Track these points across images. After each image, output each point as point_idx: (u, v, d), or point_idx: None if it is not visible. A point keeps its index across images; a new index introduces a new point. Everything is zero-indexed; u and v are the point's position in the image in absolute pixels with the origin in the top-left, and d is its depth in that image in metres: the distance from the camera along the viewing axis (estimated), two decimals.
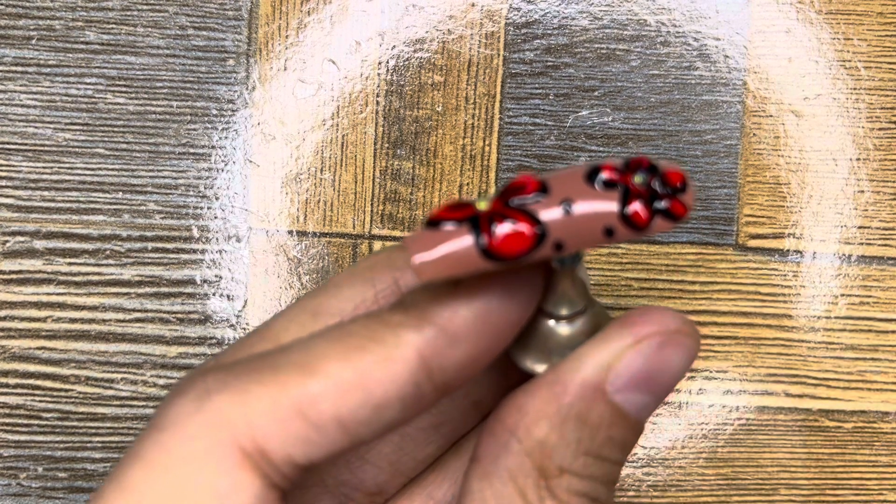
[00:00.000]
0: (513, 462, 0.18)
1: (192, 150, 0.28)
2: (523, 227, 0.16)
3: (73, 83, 0.27)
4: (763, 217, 0.28)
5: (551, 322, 0.19)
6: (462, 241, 0.16)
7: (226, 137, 0.28)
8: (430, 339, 0.17)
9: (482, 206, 0.16)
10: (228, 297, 0.28)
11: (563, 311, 0.18)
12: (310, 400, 0.17)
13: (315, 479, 0.20)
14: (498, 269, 0.16)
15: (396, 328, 0.17)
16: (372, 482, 0.20)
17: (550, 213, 0.16)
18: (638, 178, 0.16)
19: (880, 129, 0.28)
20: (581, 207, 0.16)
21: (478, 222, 0.16)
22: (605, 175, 0.16)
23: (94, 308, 0.27)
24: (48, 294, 0.27)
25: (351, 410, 0.17)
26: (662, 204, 0.16)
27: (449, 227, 0.16)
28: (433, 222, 0.16)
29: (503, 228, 0.16)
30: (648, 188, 0.16)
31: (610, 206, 0.16)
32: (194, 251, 0.28)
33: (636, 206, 0.16)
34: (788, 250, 0.28)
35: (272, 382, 0.17)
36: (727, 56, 0.28)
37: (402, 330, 0.17)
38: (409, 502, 0.22)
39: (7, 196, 0.27)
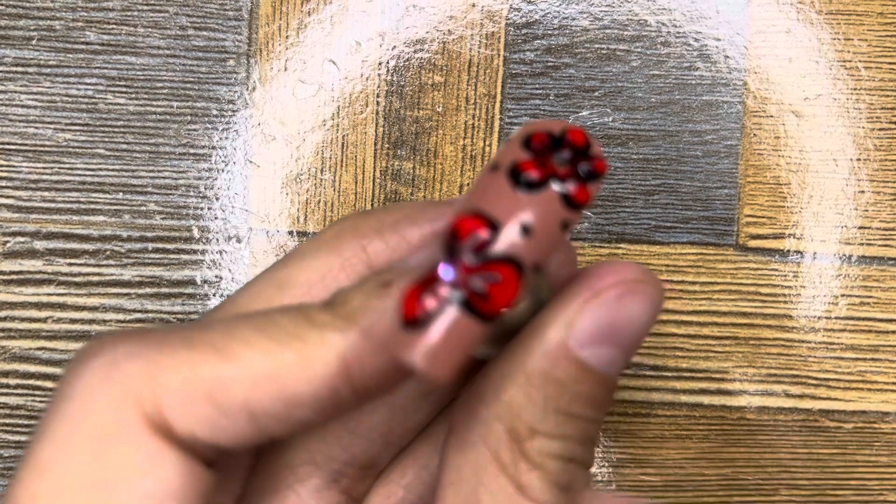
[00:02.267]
0: (484, 428, 0.18)
1: (192, 151, 0.28)
2: (499, 276, 0.15)
3: (74, 83, 0.27)
4: (763, 217, 0.28)
5: None
6: (454, 321, 0.15)
7: (226, 138, 0.28)
8: (354, 344, 0.16)
9: (449, 278, 0.15)
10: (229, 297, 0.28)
11: None
12: (221, 384, 0.16)
13: (304, 458, 0.20)
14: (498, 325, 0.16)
15: (321, 328, 0.17)
16: (363, 455, 0.20)
17: (516, 245, 0.15)
18: (557, 159, 0.16)
19: (881, 129, 0.28)
20: (537, 221, 0.15)
21: (463, 301, 0.15)
22: (530, 176, 0.16)
23: (94, 309, 0.27)
24: (48, 294, 0.27)
25: (262, 402, 0.16)
26: (586, 169, 0.16)
27: (429, 317, 0.15)
28: (411, 323, 0.15)
29: (484, 288, 0.15)
30: (568, 162, 0.16)
31: (555, 203, 0.16)
32: (195, 252, 0.28)
33: (572, 189, 0.16)
34: (789, 251, 0.28)
35: (185, 359, 0.16)
36: (727, 56, 0.28)
37: (327, 331, 0.17)
38: (402, 475, 0.21)
39: (7, 196, 0.27)
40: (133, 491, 0.16)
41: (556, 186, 0.16)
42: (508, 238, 0.15)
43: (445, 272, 0.15)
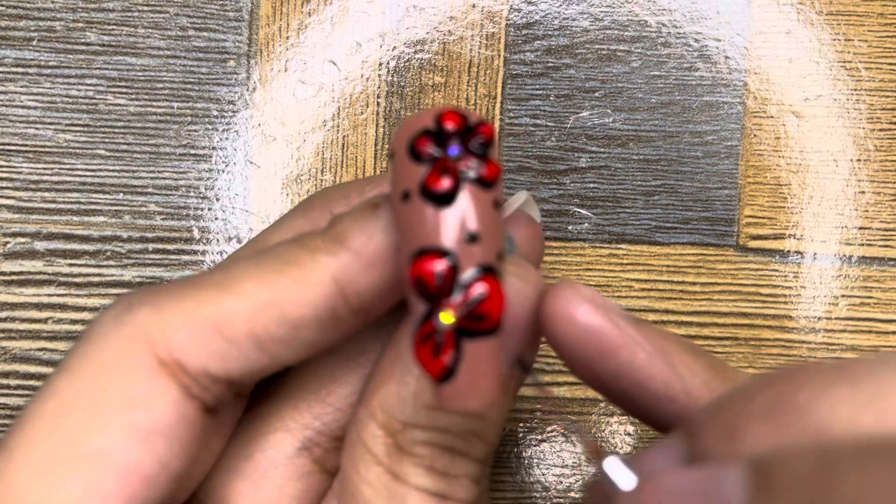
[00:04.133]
0: (360, 426, 0.18)
1: (192, 152, 0.28)
2: (483, 292, 0.15)
3: (74, 84, 0.27)
4: (764, 218, 0.28)
5: None
6: (472, 356, 0.16)
7: (226, 139, 0.28)
8: (345, 264, 0.17)
9: (446, 323, 0.16)
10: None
11: None
12: (225, 317, 0.17)
13: (277, 425, 0.21)
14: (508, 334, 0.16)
15: (313, 252, 0.18)
16: (336, 425, 0.21)
17: (476, 256, 0.16)
18: (451, 158, 0.16)
19: (881, 130, 0.28)
20: (476, 224, 0.16)
21: (467, 330, 0.15)
22: (443, 189, 0.16)
23: (94, 309, 0.27)
24: (49, 295, 0.27)
25: (266, 329, 0.17)
26: (478, 143, 0.16)
27: (452, 366, 0.16)
28: (442, 378, 0.16)
29: (479, 310, 0.15)
30: (462, 150, 0.16)
31: (477, 195, 0.16)
32: (195, 252, 0.28)
33: (483, 172, 0.16)
34: (789, 251, 0.28)
35: (190, 299, 0.17)
36: (728, 57, 0.28)
37: (319, 254, 0.17)
38: None
39: (8, 197, 0.27)
40: (124, 420, 0.17)
41: (468, 181, 0.16)
42: (467, 257, 0.16)
43: (442, 322, 0.16)
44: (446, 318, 0.16)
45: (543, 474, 0.28)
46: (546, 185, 0.28)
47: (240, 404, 0.21)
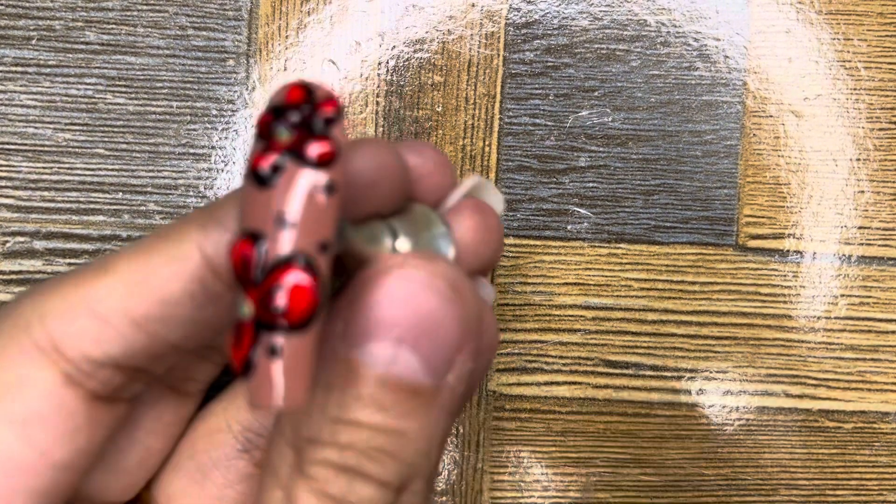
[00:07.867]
0: (272, 447, 0.17)
1: (192, 151, 0.28)
2: (290, 279, 0.14)
3: (73, 83, 0.27)
4: (763, 217, 0.28)
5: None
6: (284, 352, 0.14)
7: (226, 138, 0.28)
8: (214, 238, 0.17)
9: (246, 311, 0.14)
10: None
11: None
12: (98, 297, 0.17)
13: (220, 425, 0.20)
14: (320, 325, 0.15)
15: (182, 226, 0.17)
16: None
17: (286, 242, 0.14)
18: (278, 133, 0.15)
19: (880, 129, 0.28)
20: (290, 208, 0.14)
21: (265, 323, 0.14)
22: (262, 170, 0.14)
23: None
24: None
25: (139, 306, 0.17)
26: (322, 118, 0.15)
27: (257, 359, 0.14)
28: (243, 371, 0.14)
29: (280, 304, 0.14)
30: (295, 126, 0.15)
31: (300, 178, 0.14)
32: None
33: (313, 151, 0.15)
34: (788, 251, 0.28)
35: (67, 283, 0.17)
36: (727, 56, 0.28)
37: (187, 227, 0.17)
38: None
39: (7, 196, 0.27)
40: (2, 409, 0.17)
41: (290, 161, 0.14)
42: (276, 243, 0.14)
43: (242, 310, 0.14)
44: (247, 306, 0.14)
45: (544, 474, 0.28)
46: (545, 184, 0.28)
47: (179, 400, 0.21)
